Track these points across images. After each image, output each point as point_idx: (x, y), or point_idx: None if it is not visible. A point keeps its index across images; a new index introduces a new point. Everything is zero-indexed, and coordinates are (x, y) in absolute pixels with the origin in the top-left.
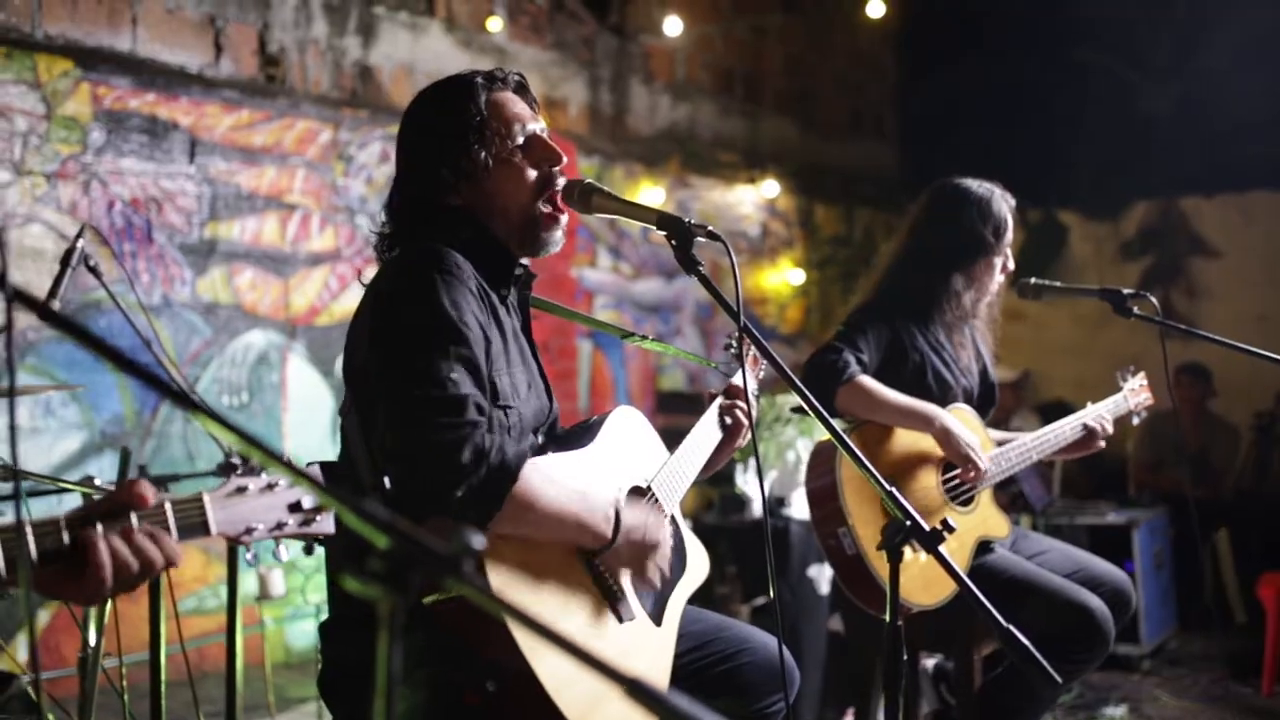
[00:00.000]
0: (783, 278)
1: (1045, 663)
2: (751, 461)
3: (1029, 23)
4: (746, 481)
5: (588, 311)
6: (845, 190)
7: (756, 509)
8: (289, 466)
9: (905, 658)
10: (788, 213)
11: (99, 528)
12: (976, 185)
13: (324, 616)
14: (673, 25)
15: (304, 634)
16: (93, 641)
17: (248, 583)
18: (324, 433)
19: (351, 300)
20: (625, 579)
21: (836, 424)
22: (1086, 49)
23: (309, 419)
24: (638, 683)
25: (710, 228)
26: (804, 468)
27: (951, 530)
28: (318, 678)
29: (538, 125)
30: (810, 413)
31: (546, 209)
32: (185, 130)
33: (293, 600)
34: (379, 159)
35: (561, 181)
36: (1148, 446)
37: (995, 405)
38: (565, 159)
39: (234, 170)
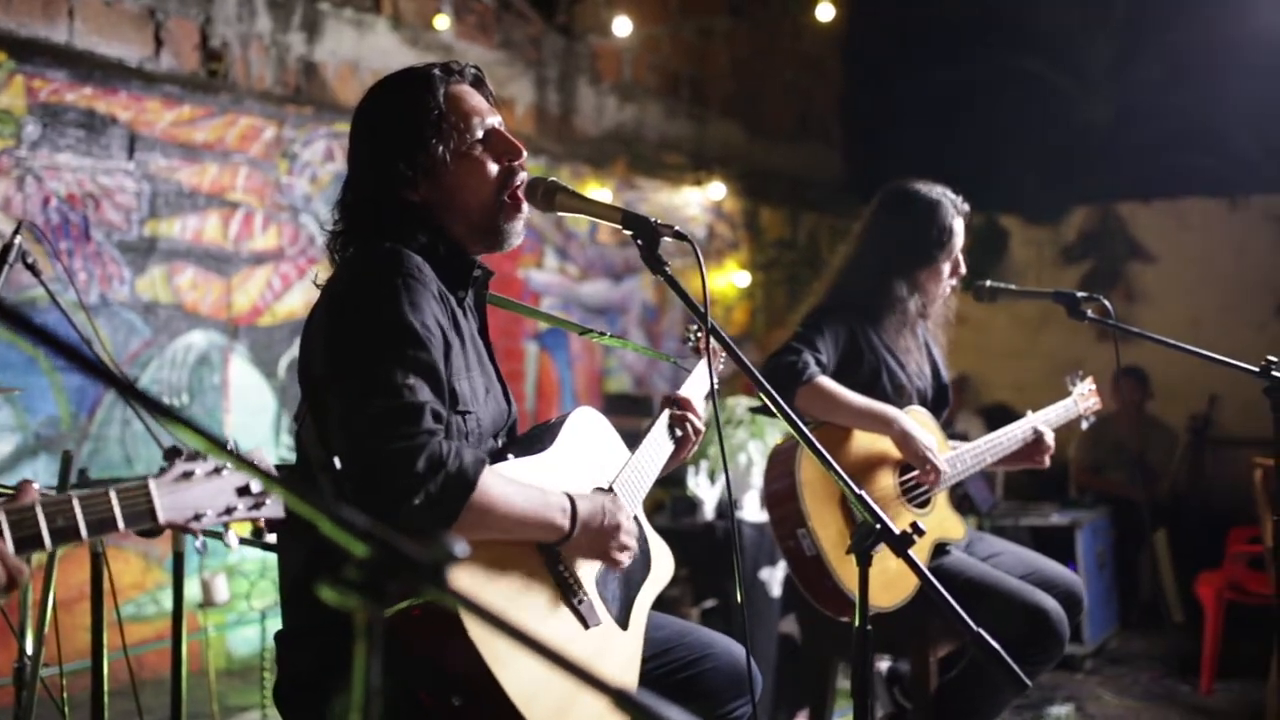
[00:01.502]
0: (728, 280)
1: (1015, 666)
2: (704, 464)
3: (971, 32)
4: (698, 484)
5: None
6: (790, 194)
7: (708, 512)
8: (260, 471)
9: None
10: (733, 215)
11: None
12: (925, 190)
13: (270, 623)
14: (622, 26)
15: (245, 641)
16: (30, 650)
17: (189, 589)
18: (267, 435)
19: (295, 300)
20: (590, 583)
21: (786, 430)
22: (1027, 58)
23: (251, 421)
24: (626, 694)
25: (677, 227)
26: (755, 470)
27: (922, 533)
28: (273, 687)
29: (496, 119)
30: (777, 414)
31: (508, 201)
32: (124, 125)
33: (234, 606)
34: (323, 157)
35: (523, 176)
36: (1088, 449)
37: (949, 406)
38: (525, 153)
39: (175, 167)
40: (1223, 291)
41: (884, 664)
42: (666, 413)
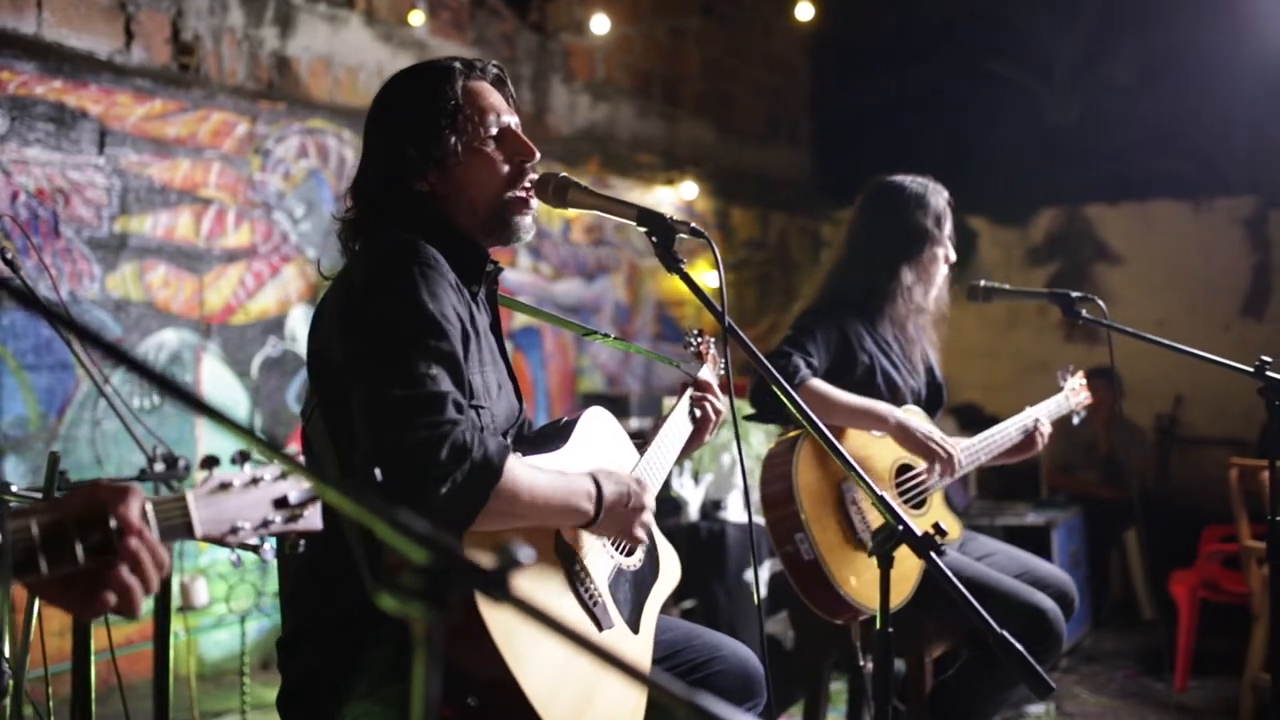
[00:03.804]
0: (699, 279)
1: (1040, 669)
2: (687, 464)
3: (939, 34)
4: (682, 485)
5: (508, 313)
6: (761, 194)
7: (692, 512)
8: (317, 475)
9: (863, 662)
10: (705, 215)
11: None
12: (910, 180)
13: (250, 625)
14: (600, 23)
15: (216, 644)
16: (8, 652)
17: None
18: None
19: (268, 299)
20: (603, 586)
21: (770, 431)
22: (995, 61)
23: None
24: (699, 705)
25: (693, 224)
26: (740, 471)
27: (944, 534)
28: (276, 696)
29: (513, 119)
30: (802, 419)
31: (517, 194)
32: (95, 119)
33: (209, 610)
34: (297, 153)
35: (533, 176)
36: (1060, 448)
37: (943, 405)
38: (538, 155)
39: (146, 162)
40: (1189, 293)
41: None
42: (688, 395)
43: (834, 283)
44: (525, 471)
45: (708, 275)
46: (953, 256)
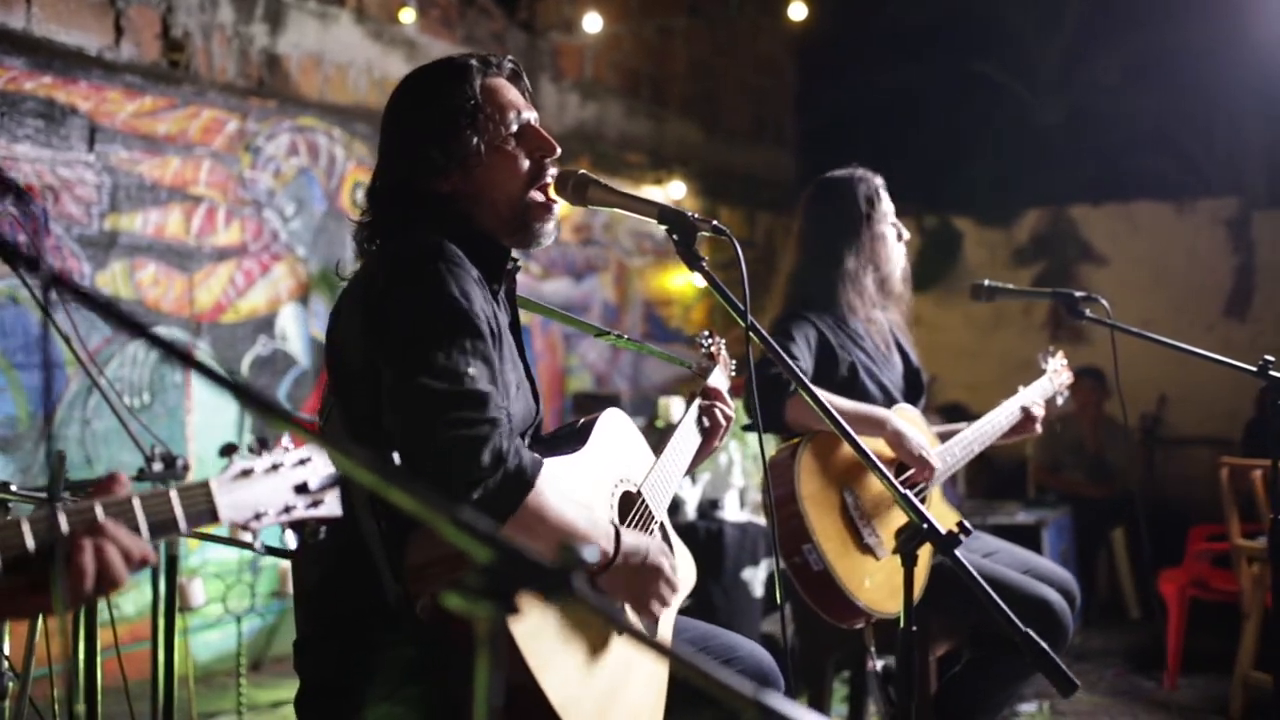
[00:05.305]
0: (687, 279)
1: (1064, 666)
2: None
3: (925, 35)
4: (679, 484)
5: None
6: (747, 194)
7: (690, 511)
8: (379, 469)
9: (872, 662)
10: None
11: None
12: (840, 172)
13: (246, 625)
14: (592, 22)
15: (207, 645)
16: (7, 650)
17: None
18: (230, 435)
19: (258, 297)
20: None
21: (769, 438)
22: (980, 62)
23: (214, 421)
24: (764, 704)
25: (715, 222)
26: (735, 470)
27: (969, 533)
28: (295, 696)
29: (531, 114)
30: (833, 428)
31: (539, 198)
32: (84, 116)
33: (201, 611)
34: (287, 151)
35: (553, 172)
36: (1047, 448)
37: (923, 390)
38: (559, 150)
39: (136, 159)
40: (1172, 293)
41: (879, 663)
42: (696, 404)
43: (795, 286)
44: (554, 493)
45: (696, 275)
46: (905, 234)
